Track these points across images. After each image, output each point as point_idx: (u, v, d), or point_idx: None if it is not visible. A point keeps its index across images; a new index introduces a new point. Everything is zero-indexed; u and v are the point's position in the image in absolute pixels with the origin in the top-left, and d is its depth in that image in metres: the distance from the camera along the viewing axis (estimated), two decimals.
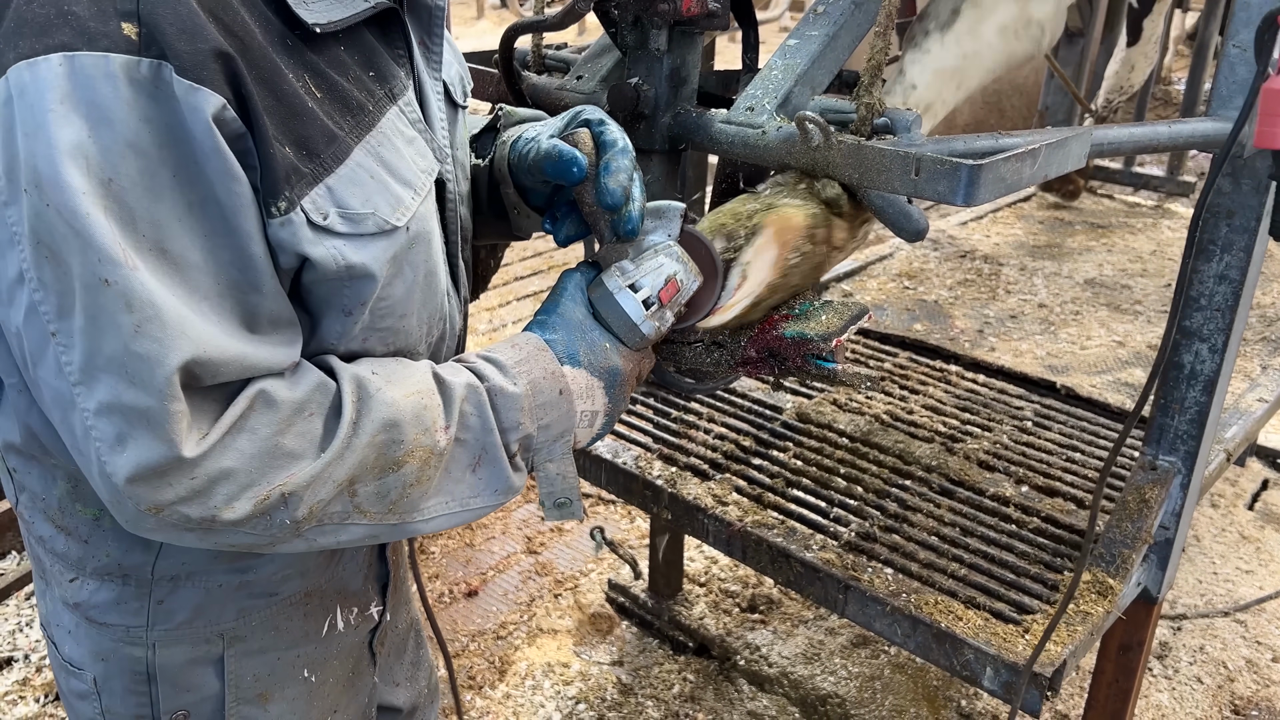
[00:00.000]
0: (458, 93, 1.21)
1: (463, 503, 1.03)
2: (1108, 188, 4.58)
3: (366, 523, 0.97)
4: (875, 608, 1.81)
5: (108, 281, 0.80)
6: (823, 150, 1.26)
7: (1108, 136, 1.44)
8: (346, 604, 1.22)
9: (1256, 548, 3.51)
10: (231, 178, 0.85)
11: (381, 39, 1.04)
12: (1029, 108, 7.70)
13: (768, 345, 1.20)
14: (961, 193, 1.15)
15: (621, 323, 1.11)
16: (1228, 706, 2.84)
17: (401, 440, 0.95)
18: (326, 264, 0.92)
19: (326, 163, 0.92)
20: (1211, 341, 1.80)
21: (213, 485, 0.86)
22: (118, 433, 0.83)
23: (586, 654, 3.00)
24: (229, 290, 0.88)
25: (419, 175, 1.03)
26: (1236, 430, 2.35)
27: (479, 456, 1.02)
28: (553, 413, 1.07)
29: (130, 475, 0.83)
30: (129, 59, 0.80)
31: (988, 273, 3.42)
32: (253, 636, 1.13)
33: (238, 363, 0.87)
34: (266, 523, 0.90)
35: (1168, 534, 1.93)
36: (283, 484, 0.89)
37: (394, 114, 1.02)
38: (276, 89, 0.88)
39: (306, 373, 0.94)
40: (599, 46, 1.64)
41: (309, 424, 0.91)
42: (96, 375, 0.82)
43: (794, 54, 1.43)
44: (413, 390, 0.98)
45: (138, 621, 1.08)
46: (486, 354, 1.07)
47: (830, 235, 1.28)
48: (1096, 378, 2.68)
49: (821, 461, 2.23)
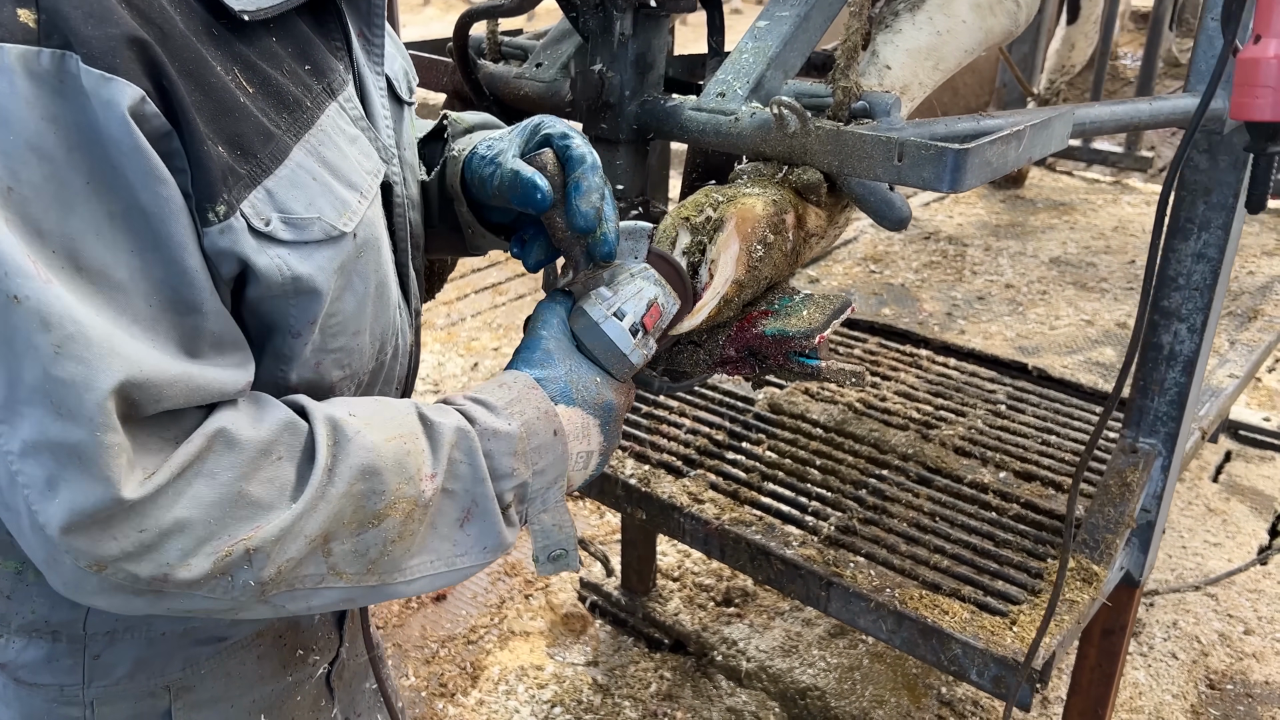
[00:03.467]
0: (402, 88, 1.12)
1: (449, 561, 0.93)
2: (1065, 164, 4.58)
3: (342, 585, 0.87)
4: (859, 604, 1.76)
5: (18, 299, 0.69)
6: (800, 137, 1.20)
7: (1090, 115, 1.39)
8: (302, 642, 1.13)
9: (1223, 520, 3.53)
10: (157, 179, 0.75)
11: (317, 29, 0.95)
12: (983, 85, 7.71)
13: (747, 344, 1.14)
14: (948, 178, 1.10)
15: (609, 353, 1.04)
16: (1203, 681, 2.85)
17: (382, 490, 0.85)
18: (271, 275, 0.83)
19: (264, 163, 0.83)
20: (1190, 321, 1.77)
21: (165, 538, 0.76)
22: (48, 475, 0.72)
23: (560, 655, 2.94)
24: (163, 311, 0.77)
25: (364, 177, 0.94)
26: (1210, 408, 2.34)
27: (468, 509, 0.93)
28: (548, 456, 0.98)
29: (65, 523, 0.72)
30: (26, 49, 0.70)
31: (953, 254, 3.40)
32: (202, 685, 1.03)
33: (182, 383, 0.77)
34: (228, 584, 0.79)
35: (1149, 516, 1.91)
36: (247, 538, 0.78)
37: (334, 110, 0.93)
38: (203, 82, 0.79)
39: (272, 409, 0.84)
40: (558, 32, 1.57)
41: (277, 469, 0.81)
42: (18, 409, 0.71)
43: (764, 36, 1.36)
44: (395, 434, 0.88)
45: (72, 680, 0.98)
46: (474, 395, 0.98)
47: (802, 221, 1.22)
48: (1067, 358, 2.65)
49: (796, 453, 2.18)
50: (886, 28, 1.50)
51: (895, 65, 1.43)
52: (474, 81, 1.56)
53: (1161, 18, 4.27)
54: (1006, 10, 1.52)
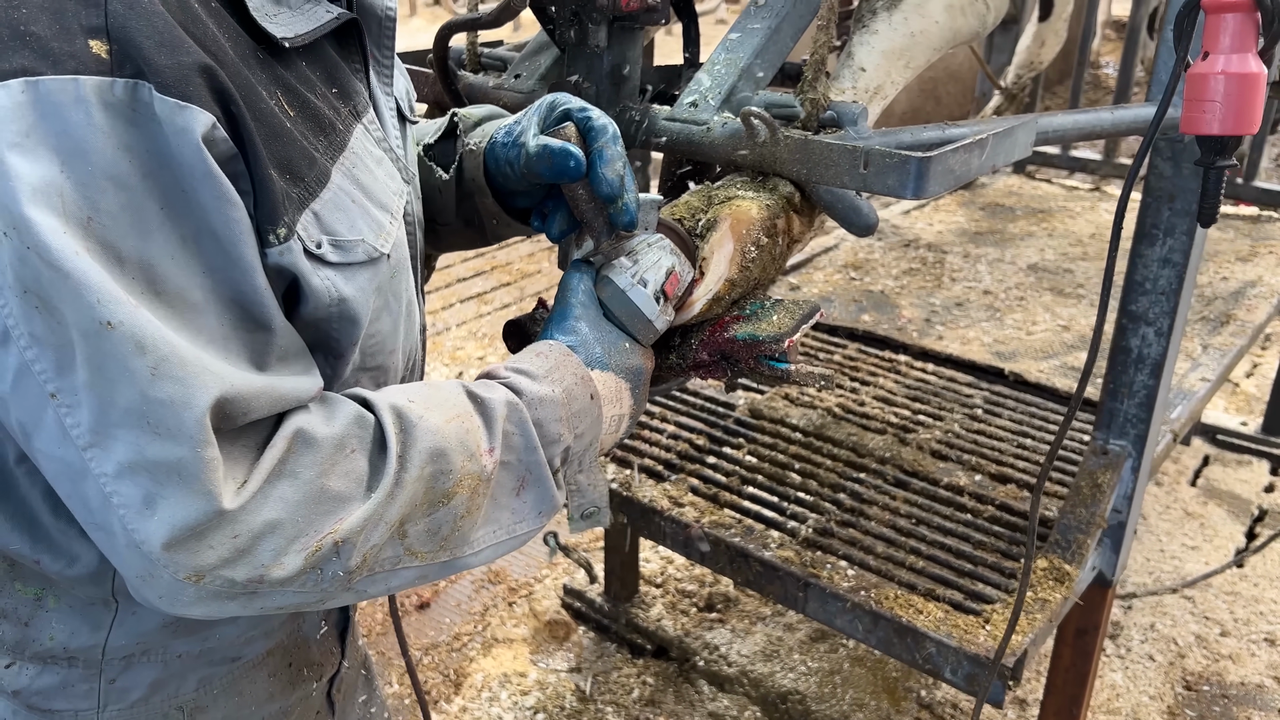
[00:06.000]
0: (406, 107, 1.14)
1: (509, 529, 0.96)
2: (1045, 172, 4.64)
3: (418, 564, 0.89)
4: (835, 604, 1.79)
5: (111, 324, 0.71)
6: (769, 146, 1.23)
7: (1053, 124, 1.43)
8: (309, 658, 1.15)
9: (1201, 524, 3.57)
10: (228, 203, 0.76)
11: (340, 53, 0.97)
12: (964, 94, 7.78)
13: (719, 348, 1.17)
14: (911, 185, 1.13)
15: (637, 319, 1.08)
16: (1180, 682, 2.88)
17: (450, 470, 0.88)
18: (321, 296, 0.85)
19: (311, 187, 0.85)
20: (1158, 325, 1.81)
21: (258, 540, 0.77)
22: (145, 494, 0.73)
23: (544, 662, 2.95)
24: (235, 329, 0.79)
25: (392, 198, 0.96)
26: (1181, 410, 2.37)
27: (523, 478, 0.96)
28: (586, 420, 1.01)
29: (167, 540, 0.74)
30: (101, 80, 0.72)
31: (932, 261, 3.44)
32: (215, 705, 1.05)
33: (267, 395, 0.79)
34: (318, 577, 0.82)
35: (1120, 517, 1.94)
36: (333, 531, 0.81)
37: (360, 132, 0.95)
38: (254, 107, 0.80)
39: (340, 405, 0.86)
40: (536, 44, 1.60)
41: (352, 462, 0.84)
42: (111, 433, 0.73)
43: (736, 48, 1.40)
44: (453, 414, 0.90)
45: (87, 705, 0.99)
46: (514, 365, 1.01)
47: (790, 227, 1.25)
48: (1044, 363, 2.69)
49: (776, 457, 2.21)
50: (863, 28, 1.53)
51: (870, 67, 1.46)
52: (454, 92, 1.59)
53: (1139, 26, 4.33)
54: (977, 12, 1.55)
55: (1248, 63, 1.22)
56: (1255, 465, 3.93)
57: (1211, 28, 1.22)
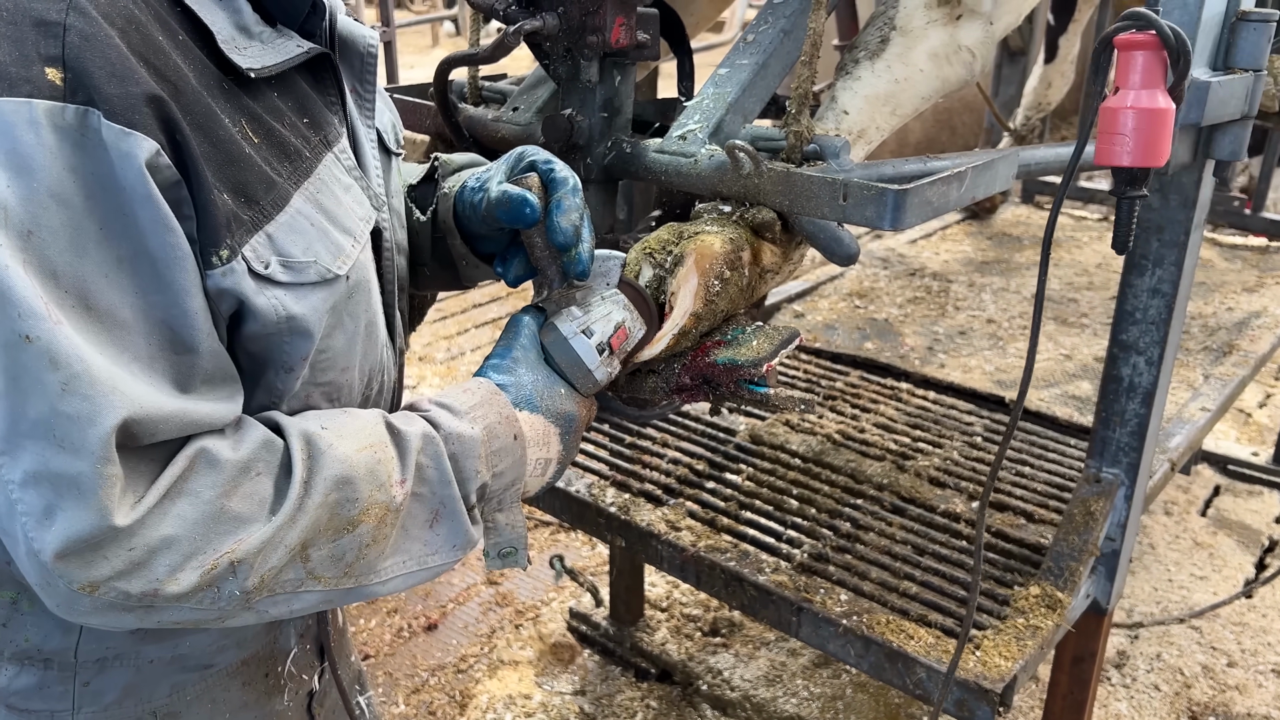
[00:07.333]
0: (390, 140, 1.19)
1: (420, 560, 0.98)
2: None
3: (321, 589, 0.91)
4: (828, 629, 1.81)
5: (29, 338, 0.74)
6: (753, 178, 1.27)
7: (1034, 156, 1.46)
8: (284, 668, 1.17)
9: (1210, 554, 3.56)
10: (166, 228, 0.81)
11: (314, 85, 1.02)
12: (980, 124, 7.81)
13: (701, 372, 1.20)
14: (888, 217, 1.17)
15: (576, 367, 1.10)
16: (1185, 713, 2.86)
17: (356, 499, 0.90)
18: (268, 314, 0.89)
19: (266, 210, 0.90)
20: (1148, 354, 1.83)
21: (153, 555, 0.80)
22: (45, 505, 0.76)
23: (548, 684, 2.97)
24: (161, 350, 0.83)
25: (358, 223, 1.01)
26: (1180, 440, 2.38)
27: (436, 511, 0.98)
28: (507, 459, 1.03)
29: (59, 550, 0.76)
30: (53, 105, 0.77)
31: (937, 290, 3.46)
32: (187, 712, 1.07)
33: (177, 419, 0.82)
34: (214, 595, 0.84)
35: (1114, 545, 1.95)
36: (230, 551, 0.83)
37: (330, 161, 1.00)
38: (212, 134, 0.86)
39: (250, 429, 0.89)
40: (535, 78, 1.65)
41: (256, 484, 0.86)
42: (20, 443, 0.76)
43: (725, 82, 1.44)
44: (365, 444, 0.93)
45: (63, 706, 1.02)
46: (438, 399, 1.04)
47: (758, 258, 1.29)
48: (1045, 391, 2.71)
49: (774, 483, 2.23)
50: (847, 74, 1.57)
51: (853, 110, 1.50)
52: (454, 124, 1.64)
53: None
54: (963, 60, 1.59)
55: (1156, 98, 1.27)
56: (1266, 495, 3.91)
57: (1123, 65, 1.26)
